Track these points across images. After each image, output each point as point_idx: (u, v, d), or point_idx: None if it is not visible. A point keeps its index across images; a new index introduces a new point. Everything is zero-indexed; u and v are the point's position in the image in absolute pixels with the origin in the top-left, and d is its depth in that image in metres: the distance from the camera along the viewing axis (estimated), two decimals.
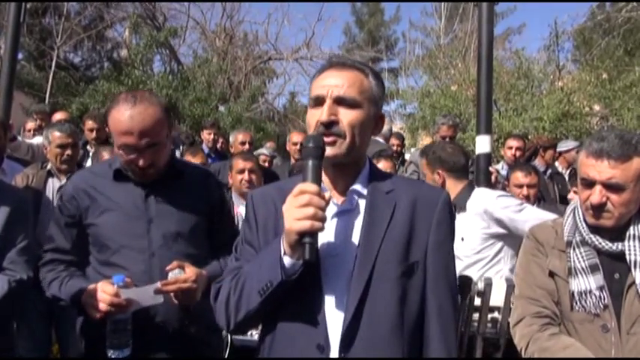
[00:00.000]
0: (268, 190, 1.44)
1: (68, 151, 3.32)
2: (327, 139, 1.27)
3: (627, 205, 1.61)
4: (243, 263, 1.34)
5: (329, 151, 1.27)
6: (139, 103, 1.74)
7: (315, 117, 1.30)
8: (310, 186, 1.19)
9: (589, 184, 1.63)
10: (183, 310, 1.81)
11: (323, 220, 1.17)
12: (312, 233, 1.16)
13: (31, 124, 5.66)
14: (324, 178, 1.32)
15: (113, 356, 1.68)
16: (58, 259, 1.91)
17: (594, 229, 1.69)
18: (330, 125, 1.28)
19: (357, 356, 1.22)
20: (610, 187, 1.60)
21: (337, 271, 1.27)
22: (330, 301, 1.26)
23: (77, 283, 1.83)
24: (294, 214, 1.17)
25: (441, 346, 1.28)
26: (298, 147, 5.21)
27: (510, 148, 5.29)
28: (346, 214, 1.32)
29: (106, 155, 3.92)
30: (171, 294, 1.73)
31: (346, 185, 1.34)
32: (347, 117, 1.29)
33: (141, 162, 1.76)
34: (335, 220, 1.31)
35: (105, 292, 1.68)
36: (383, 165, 3.46)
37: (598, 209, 1.62)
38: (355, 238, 1.29)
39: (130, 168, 1.81)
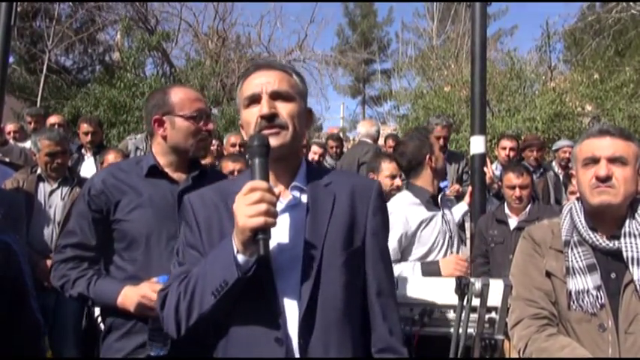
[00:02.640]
0: (206, 192, 1.45)
1: (58, 160, 3.28)
2: (269, 131, 1.33)
3: (630, 183, 1.65)
4: (189, 268, 1.34)
5: (274, 141, 1.32)
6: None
7: (254, 114, 1.36)
8: (260, 183, 1.22)
9: (593, 160, 1.68)
10: None
11: (275, 215, 1.21)
12: (266, 229, 1.19)
13: (10, 127, 5.59)
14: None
15: (153, 354, 1.72)
16: (80, 256, 1.89)
17: (592, 227, 1.71)
18: (271, 118, 1.34)
19: (316, 343, 1.28)
20: (614, 161, 1.65)
21: (289, 265, 1.31)
22: (284, 295, 1.29)
23: (108, 284, 1.84)
24: (247, 211, 1.18)
25: (384, 324, 1.39)
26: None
27: (504, 148, 5.32)
28: (291, 209, 1.37)
29: (110, 158, 3.91)
30: None
31: (288, 182, 1.40)
32: (285, 109, 1.37)
33: (211, 125, 1.96)
34: (281, 216, 1.33)
35: (157, 292, 1.68)
36: (388, 166, 3.44)
37: (605, 181, 1.65)
38: (302, 231, 1.33)
39: (195, 140, 1.92)
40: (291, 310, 1.29)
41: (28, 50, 13.36)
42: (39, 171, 3.34)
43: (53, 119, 5.46)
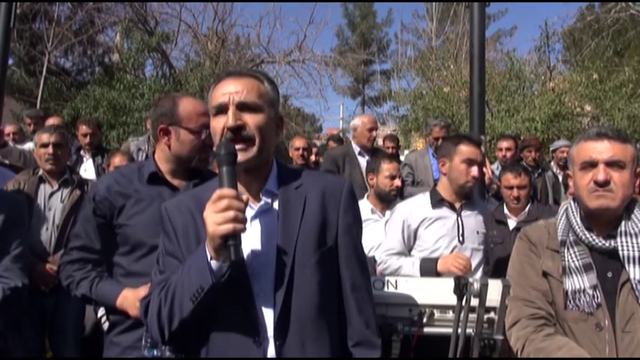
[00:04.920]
0: (183, 200, 1.48)
1: (50, 150, 3.25)
2: (237, 146, 1.33)
3: (627, 186, 1.66)
4: (169, 275, 1.37)
5: (241, 156, 1.33)
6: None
7: (221, 124, 1.37)
8: (228, 191, 1.24)
9: (591, 164, 1.68)
10: None
11: (244, 221, 1.24)
12: (235, 235, 1.22)
13: (9, 128, 5.60)
14: (238, 184, 1.37)
15: (148, 355, 1.74)
16: (85, 258, 1.96)
17: (588, 227, 1.72)
18: (237, 130, 1.34)
19: (292, 342, 1.32)
20: (612, 164, 1.66)
21: (263, 268, 1.35)
22: (260, 298, 1.33)
23: (109, 286, 1.92)
24: (216, 219, 1.22)
25: (359, 317, 1.43)
26: (300, 152, 5.30)
27: (501, 149, 5.32)
28: (263, 214, 1.41)
29: (117, 161, 3.91)
30: None
31: (259, 188, 1.42)
32: (252, 120, 1.37)
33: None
34: (254, 222, 1.39)
35: None
36: (388, 167, 3.45)
37: (603, 186, 1.65)
38: (274, 235, 1.37)
39: (198, 153, 1.95)
40: (268, 312, 1.33)
41: (28, 52, 13.36)
42: (40, 172, 3.34)
43: (52, 121, 5.46)
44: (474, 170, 2.70)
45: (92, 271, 1.95)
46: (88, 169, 4.85)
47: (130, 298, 1.83)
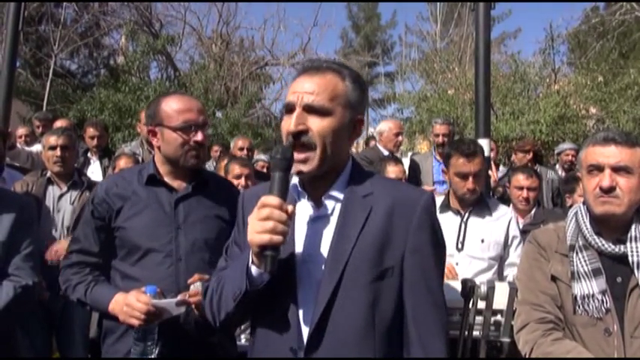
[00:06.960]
0: (258, 191, 1.42)
1: (57, 152, 3.26)
2: (298, 156, 1.25)
3: (635, 192, 1.65)
4: (230, 264, 1.38)
5: (303, 167, 1.26)
6: (186, 94, 2.06)
7: (287, 125, 1.28)
8: (272, 199, 1.18)
9: (597, 168, 1.68)
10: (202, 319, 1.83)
11: (283, 233, 1.17)
12: (273, 246, 1.17)
13: (22, 130, 5.65)
14: (304, 185, 1.34)
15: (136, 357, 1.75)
16: (83, 262, 1.95)
17: (597, 232, 1.71)
18: (298, 135, 1.26)
19: None
20: (618, 170, 1.65)
21: (310, 277, 1.27)
22: (303, 306, 1.27)
23: (103, 290, 1.89)
24: (255, 226, 1.18)
25: (420, 351, 1.25)
26: None
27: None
28: (321, 220, 1.31)
29: (122, 163, 3.93)
30: (193, 305, 1.77)
31: (325, 190, 1.32)
32: (317, 125, 1.26)
33: (200, 137, 1.88)
34: (310, 226, 1.31)
35: (141, 302, 1.73)
36: (393, 169, 3.46)
37: (608, 192, 1.64)
38: (328, 243, 1.28)
39: (184, 151, 1.89)
40: (308, 323, 1.26)
41: (34, 54, 13.44)
42: (48, 174, 3.35)
43: (60, 123, 5.49)
44: (468, 183, 2.67)
45: (89, 274, 1.93)
46: (95, 172, 4.87)
47: (120, 303, 1.79)
